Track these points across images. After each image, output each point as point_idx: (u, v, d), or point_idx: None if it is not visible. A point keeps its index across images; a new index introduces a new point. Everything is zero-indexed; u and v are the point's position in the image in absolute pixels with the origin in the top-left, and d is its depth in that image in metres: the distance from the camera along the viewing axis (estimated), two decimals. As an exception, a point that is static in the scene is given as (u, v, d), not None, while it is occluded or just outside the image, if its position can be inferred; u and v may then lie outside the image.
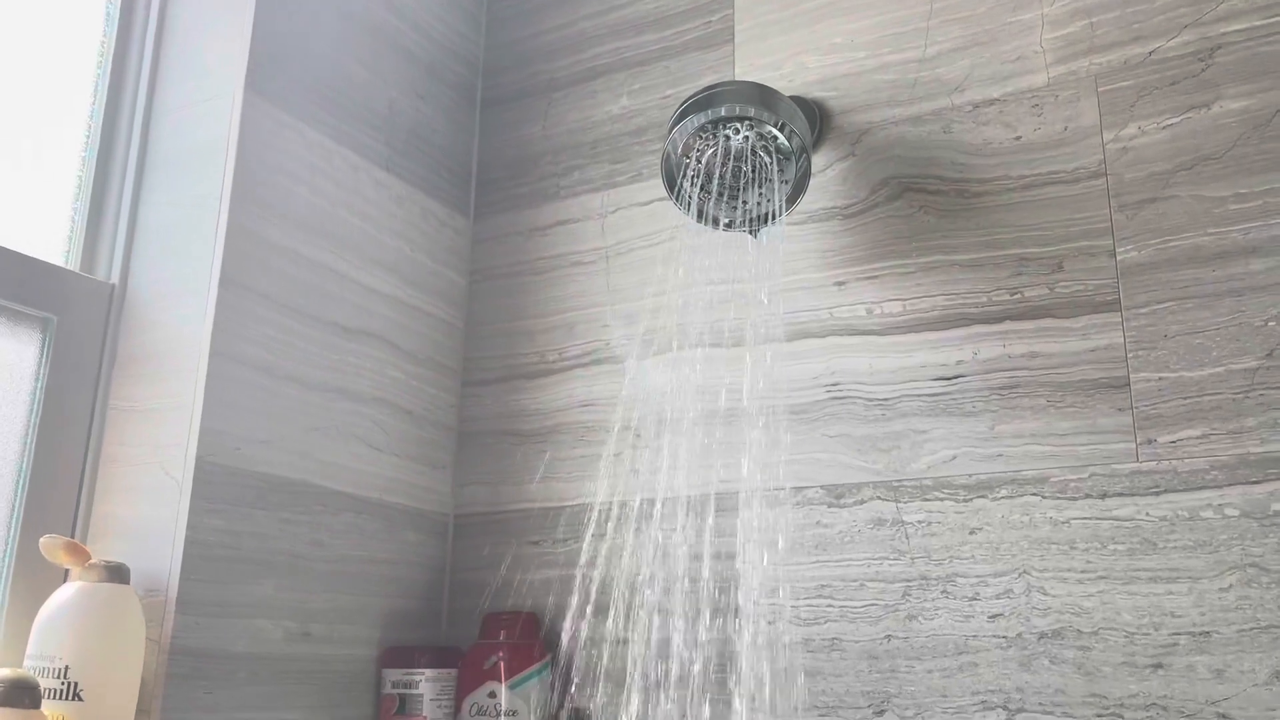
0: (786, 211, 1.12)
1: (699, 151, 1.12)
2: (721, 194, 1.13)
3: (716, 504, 1.16)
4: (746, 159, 1.11)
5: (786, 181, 1.12)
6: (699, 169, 1.12)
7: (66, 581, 0.99)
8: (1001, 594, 1.01)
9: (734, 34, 1.31)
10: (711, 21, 1.33)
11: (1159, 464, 0.97)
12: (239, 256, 1.10)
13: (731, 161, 1.12)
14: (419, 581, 1.27)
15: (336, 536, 1.17)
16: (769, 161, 1.11)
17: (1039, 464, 1.02)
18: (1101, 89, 1.08)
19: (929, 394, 1.08)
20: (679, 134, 1.11)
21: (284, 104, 1.18)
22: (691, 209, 1.13)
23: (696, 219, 1.14)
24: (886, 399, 1.10)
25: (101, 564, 0.96)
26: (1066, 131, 1.09)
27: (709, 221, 1.14)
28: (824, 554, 1.10)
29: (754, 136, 1.11)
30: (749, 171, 1.11)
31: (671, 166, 1.13)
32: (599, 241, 1.33)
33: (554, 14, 1.46)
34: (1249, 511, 0.93)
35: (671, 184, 1.13)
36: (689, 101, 1.10)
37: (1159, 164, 1.03)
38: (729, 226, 1.15)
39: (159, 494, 1.03)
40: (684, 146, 1.12)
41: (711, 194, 1.13)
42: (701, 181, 1.12)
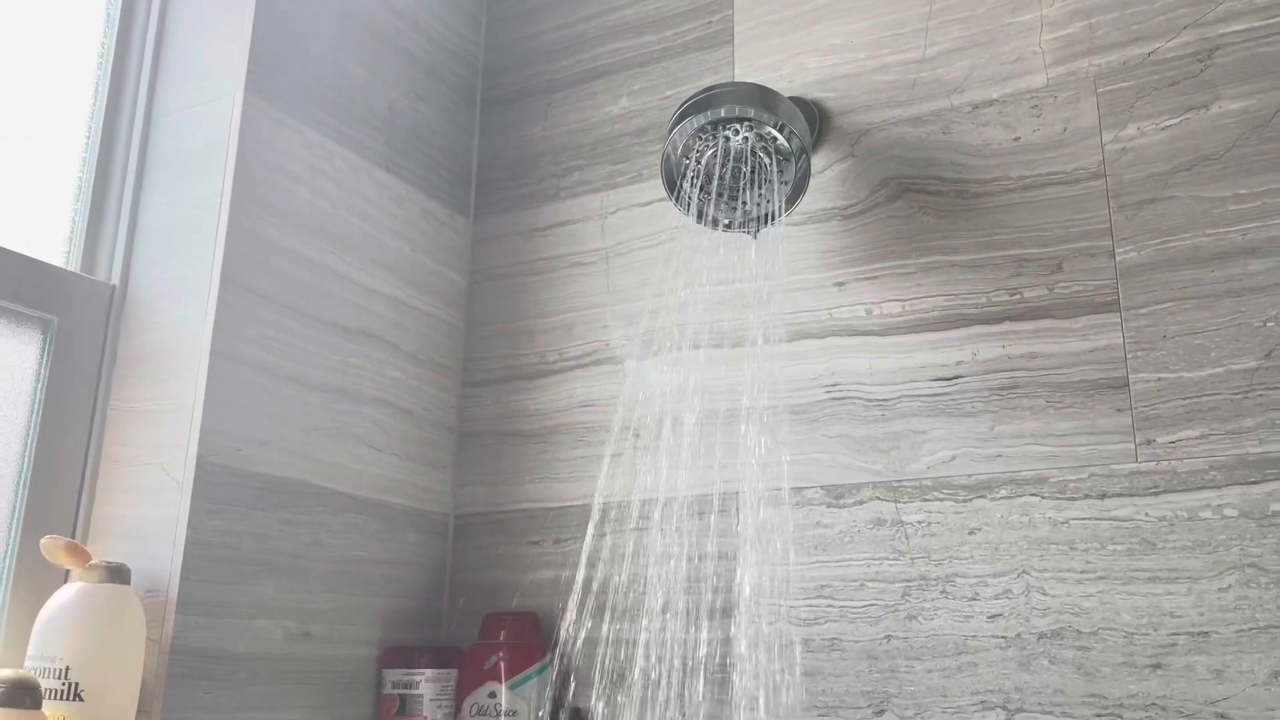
0: (786, 212, 1.12)
1: (699, 152, 1.12)
2: (721, 195, 1.13)
3: (716, 504, 1.16)
4: (746, 160, 1.11)
5: (786, 182, 1.12)
6: (699, 170, 1.12)
7: (67, 582, 0.99)
8: (1001, 594, 1.01)
9: (734, 35, 1.31)
10: (711, 22, 1.34)
11: (1158, 464, 0.97)
12: (239, 257, 1.10)
13: (731, 162, 1.12)
14: (419, 582, 1.27)
15: (337, 537, 1.17)
16: (769, 162, 1.11)
17: (1038, 464, 1.02)
18: (1101, 90, 1.08)
19: (928, 394, 1.09)
20: (679, 135, 1.11)
21: (284, 105, 1.18)
22: (691, 210, 1.13)
23: (696, 220, 1.14)
24: (886, 399, 1.10)
25: (102, 564, 0.96)
26: (1066, 132, 1.09)
27: (709, 222, 1.14)
28: (824, 554, 1.10)
29: (753, 137, 1.11)
30: (749, 172, 1.11)
31: (671, 167, 1.13)
32: (599, 242, 1.33)
33: (554, 14, 1.46)
34: (1247, 512, 0.93)
35: (671, 185, 1.13)
36: (689, 102, 1.10)
37: (1158, 165, 1.04)
38: (729, 227, 1.15)
39: (159, 494, 1.04)
40: (684, 147, 1.12)
41: (711, 195, 1.13)
42: (701, 182, 1.12)
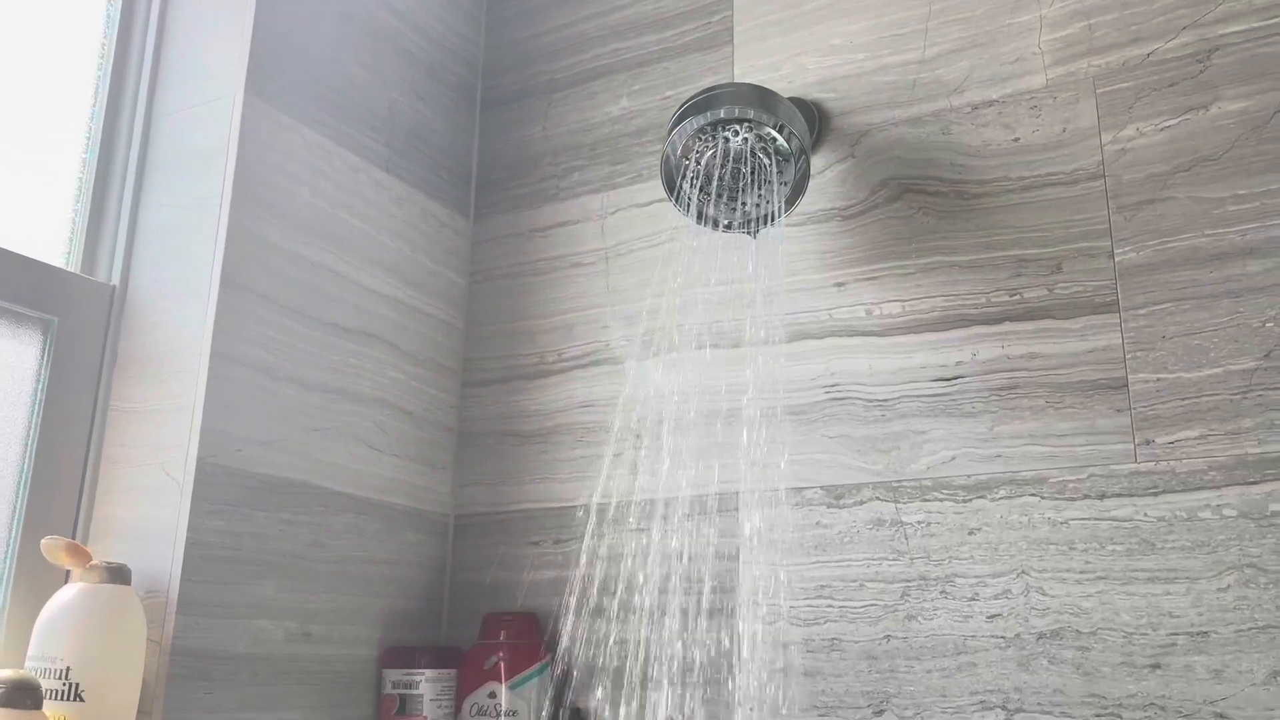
0: (786, 213, 1.12)
1: (698, 153, 1.12)
2: (721, 195, 1.14)
3: (716, 504, 1.16)
4: (746, 161, 1.11)
5: (786, 183, 1.12)
6: (698, 171, 1.12)
7: (68, 583, 0.99)
8: (1000, 594, 1.01)
9: (733, 35, 1.31)
10: (711, 23, 1.34)
11: (1157, 465, 0.97)
12: (239, 258, 1.10)
13: (731, 163, 1.12)
14: (419, 582, 1.27)
15: (337, 537, 1.17)
16: (768, 163, 1.11)
17: (1038, 465, 1.02)
18: (1100, 90, 1.08)
19: (928, 395, 1.09)
20: (678, 136, 1.11)
21: (284, 105, 1.18)
22: (691, 210, 1.13)
23: (696, 221, 1.14)
24: (886, 400, 1.11)
25: (102, 565, 0.96)
26: (1065, 133, 1.09)
27: (708, 223, 1.15)
28: (823, 554, 1.10)
29: (753, 138, 1.11)
30: (748, 173, 1.12)
31: (671, 168, 1.13)
32: (599, 242, 1.33)
33: (554, 15, 1.46)
34: (1246, 512, 0.93)
35: (671, 185, 1.13)
36: (688, 103, 1.10)
37: (1157, 165, 1.04)
38: (728, 228, 1.15)
39: (160, 495, 1.04)
40: (683, 148, 1.12)
41: (711, 196, 1.13)
42: (701, 183, 1.12)
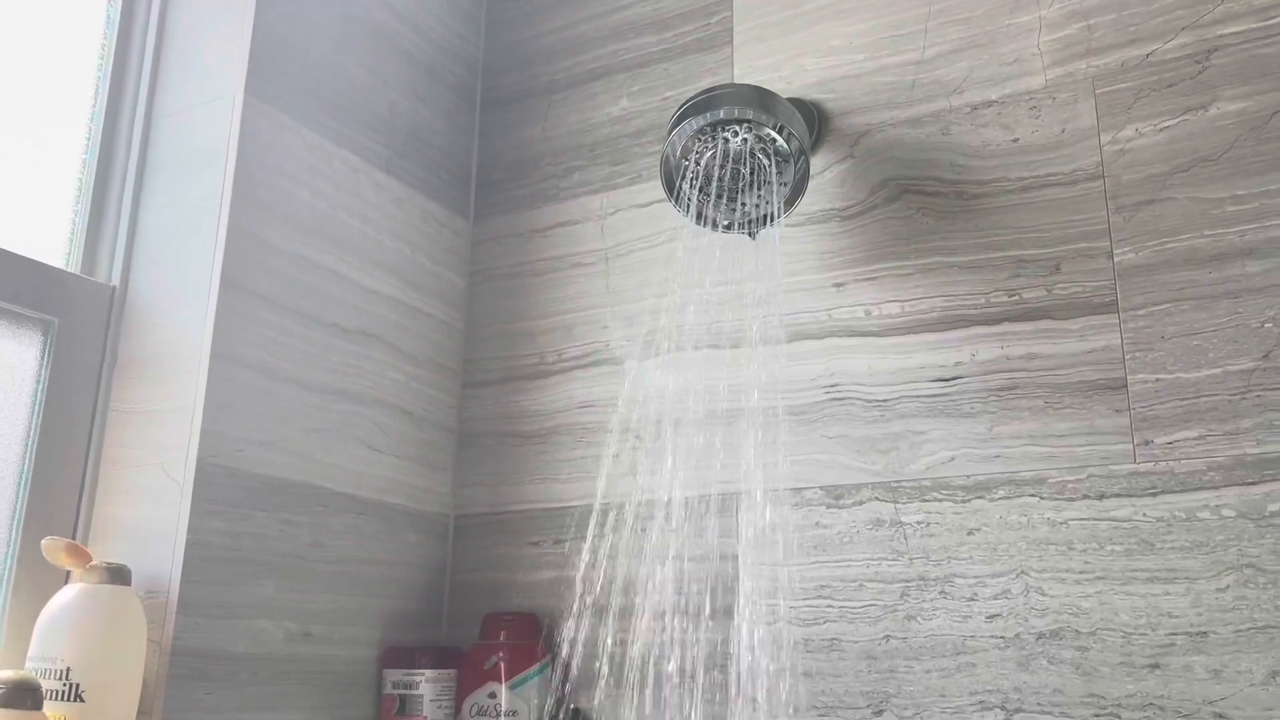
0: (785, 213, 1.13)
1: (698, 154, 1.12)
2: (720, 196, 1.14)
3: (716, 505, 1.16)
4: (745, 161, 1.12)
5: (785, 184, 1.12)
6: (698, 171, 1.12)
7: (68, 583, 0.99)
8: (999, 594, 1.01)
9: (733, 36, 1.31)
10: (710, 24, 1.34)
11: (1156, 465, 0.97)
12: (239, 259, 1.10)
13: (730, 164, 1.12)
14: (419, 582, 1.27)
15: (337, 537, 1.17)
16: (768, 164, 1.12)
17: (1037, 465, 1.02)
18: (1099, 91, 1.08)
19: (927, 395, 1.09)
20: (678, 136, 1.11)
21: (284, 106, 1.18)
22: (690, 211, 1.13)
23: (695, 221, 1.14)
24: (885, 400, 1.11)
25: (103, 565, 0.96)
26: (1064, 133, 1.09)
27: (708, 224, 1.15)
28: (823, 554, 1.10)
29: (752, 139, 1.11)
30: (747, 174, 1.12)
31: (670, 169, 1.13)
32: (598, 243, 1.33)
33: (554, 16, 1.46)
34: (1245, 512, 0.93)
35: (670, 186, 1.13)
36: (688, 104, 1.10)
37: (1156, 166, 1.04)
38: (728, 229, 1.15)
39: (160, 496, 1.04)
40: (683, 149, 1.12)
41: (710, 196, 1.13)
42: (700, 184, 1.12)
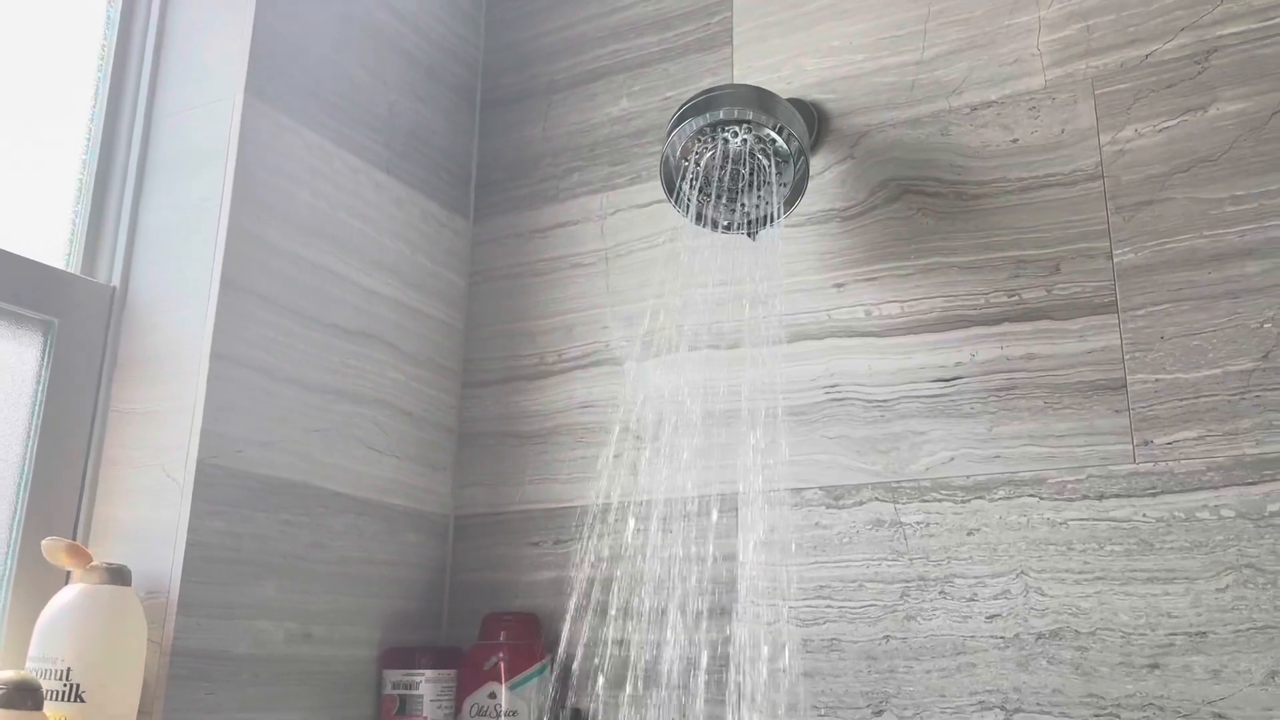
0: (785, 214, 1.13)
1: (698, 154, 1.12)
2: (720, 197, 1.14)
3: (716, 505, 1.16)
4: (745, 162, 1.12)
5: (785, 184, 1.12)
6: (698, 172, 1.12)
7: (68, 584, 0.99)
8: (999, 595, 1.01)
9: (733, 36, 1.31)
10: (710, 24, 1.34)
11: (1156, 465, 0.98)
12: (239, 259, 1.10)
13: (730, 164, 1.12)
14: (419, 582, 1.28)
15: (337, 538, 1.17)
16: (767, 164, 1.12)
17: (1036, 465, 1.02)
18: (1098, 91, 1.08)
19: (927, 395, 1.09)
20: (677, 137, 1.11)
21: (284, 107, 1.18)
22: (690, 212, 1.13)
23: (695, 221, 1.14)
24: (885, 400, 1.11)
25: (103, 566, 0.97)
26: (1064, 134, 1.09)
27: (708, 224, 1.15)
28: (823, 555, 1.10)
29: (752, 139, 1.11)
30: (747, 174, 1.12)
31: (670, 169, 1.13)
32: (598, 243, 1.33)
33: (554, 16, 1.46)
34: (1245, 512, 0.93)
35: (670, 187, 1.13)
36: (687, 105, 1.10)
37: (1156, 166, 1.04)
38: (728, 229, 1.15)
39: (160, 496, 1.04)
40: (683, 149, 1.13)
41: (710, 197, 1.13)
42: (700, 184, 1.12)
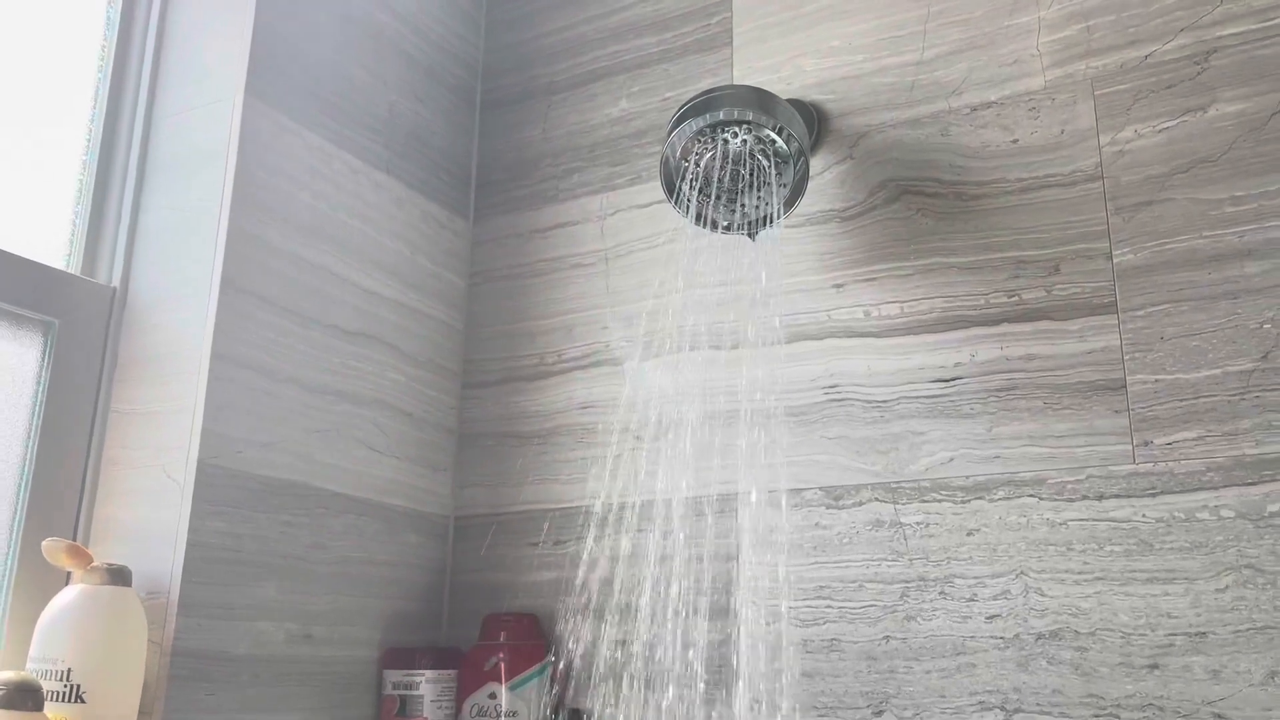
0: (784, 214, 1.13)
1: (697, 155, 1.12)
2: (720, 197, 1.14)
3: (715, 505, 1.16)
4: (745, 162, 1.12)
5: (784, 184, 1.12)
6: (698, 172, 1.12)
7: (69, 584, 0.99)
8: (999, 595, 1.01)
9: (732, 37, 1.31)
10: (710, 25, 1.34)
11: (1155, 466, 0.98)
12: (239, 260, 1.10)
13: (730, 165, 1.12)
14: (419, 583, 1.28)
15: (337, 538, 1.17)
16: (767, 165, 1.12)
17: (1036, 465, 1.03)
18: (1098, 92, 1.08)
19: (927, 396, 1.09)
20: (677, 138, 1.11)
21: (284, 107, 1.18)
22: (690, 212, 1.13)
23: (695, 222, 1.14)
24: (885, 401, 1.11)
25: (103, 567, 0.97)
26: (1063, 134, 1.09)
27: (707, 224, 1.15)
28: (822, 555, 1.10)
29: (752, 140, 1.11)
30: (747, 175, 1.12)
31: (670, 170, 1.13)
32: (598, 244, 1.33)
33: (553, 17, 1.46)
34: (1244, 513, 0.93)
35: (670, 187, 1.13)
36: (687, 105, 1.11)
37: (1155, 167, 1.04)
38: (727, 229, 1.15)
39: (160, 497, 1.04)
40: (682, 150, 1.13)
41: (710, 197, 1.13)
42: (700, 185, 1.12)
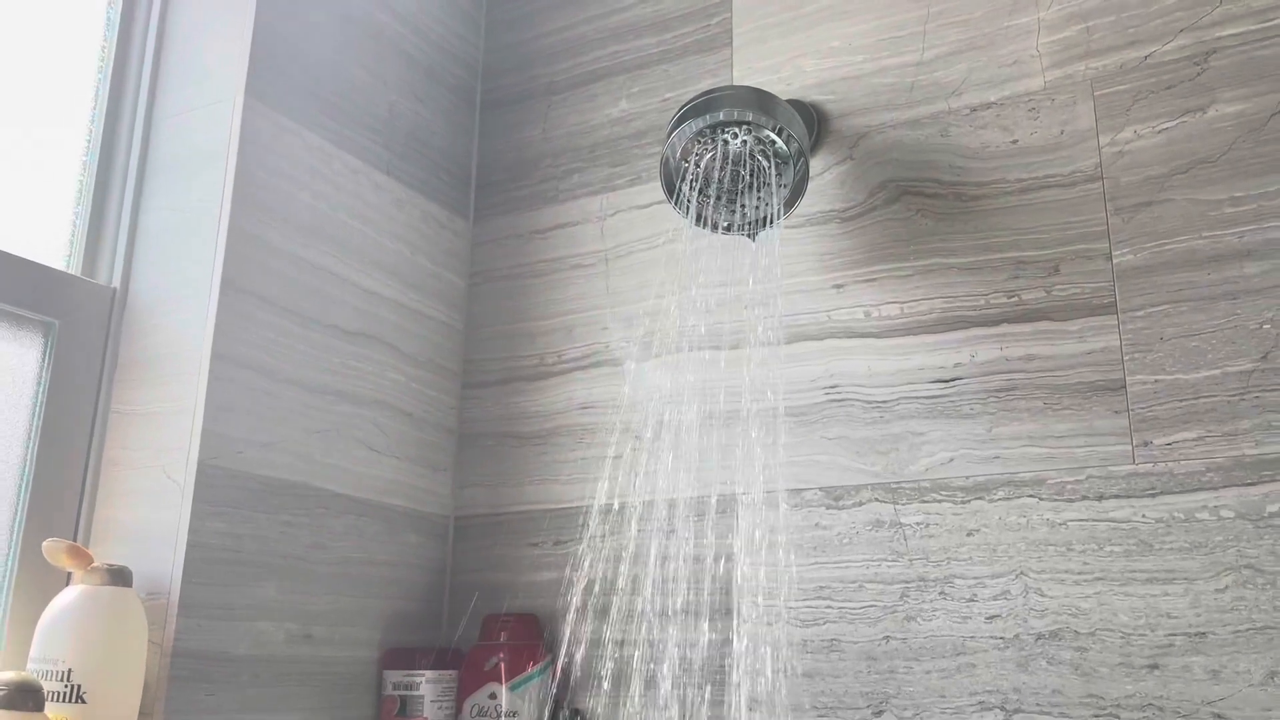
0: (784, 215, 1.13)
1: (697, 156, 1.12)
2: (720, 198, 1.14)
3: (715, 506, 1.16)
4: (745, 163, 1.12)
5: (784, 185, 1.12)
6: (697, 173, 1.12)
7: (69, 585, 0.99)
8: (999, 595, 1.01)
9: (732, 38, 1.31)
10: (710, 25, 1.34)
11: (1155, 466, 0.98)
12: (240, 260, 1.10)
13: (730, 165, 1.12)
14: (419, 583, 1.28)
15: (337, 539, 1.17)
16: (767, 165, 1.12)
17: (1036, 466, 1.03)
18: (1098, 93, 1.08)
19: (927, 396, 1.09)
20: (677, 138, 1.11)
21: (284, 108, 1.18)
22: (690, 213, 1.13)
23: (695, 223, 1.14)
24: (885, 401, 1.11)
25: (104, 567, 0.97)
26: (1063, 135, 1.09)
27: (707, 225, 1.15)
28: (822, 555, 1.10)
29: (752, 141, 1.11)
30: (747, 175, 1.12)
31: (670, 170, 1.13)
32: (598, 244, 1.33)
33: (553, 17, 1.46)
34: (1244, 513, 0.94)
35: (670, 188, 1.13)
36: (687, 106, 1.11)
37: (1155, 167, 1.04)
38: (727, 230, 1.16)
39: (161, 497, 1.04)
40: (682, 151, 1.13)
41: (710, 198, 1.13)
42: (700, 185, 1.13)
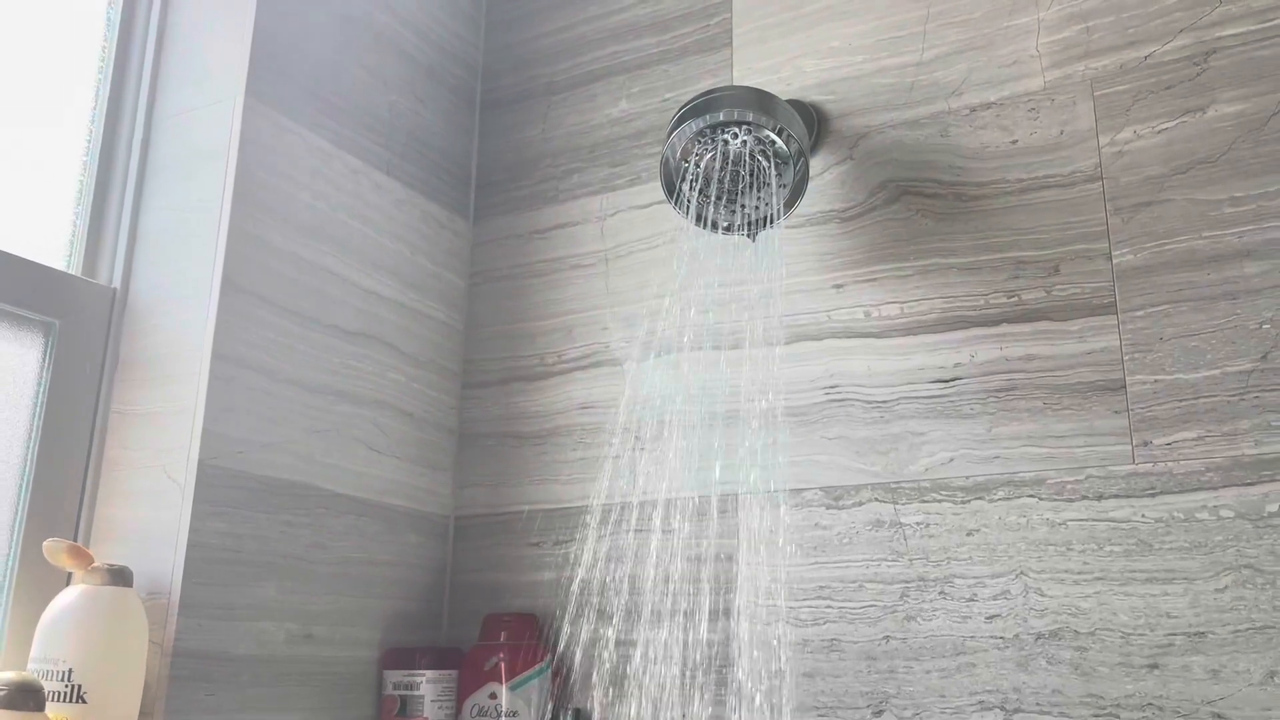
0: (784, 215, 1.13)
1: (697, 156, 1.12)
2: (720, 198, 1.14)
3: (715, 506, 1.16)
4: (745, 163, 1.12)
5: (784, 185, 1.12)
6: (697, 173, 1.13)
7: (69, 585, 1.00)
8: (999, 595, 1.01)
9: (732, 38, 1.31)
10: (710, 25, 1.34)
11: (1155, 466, 0.98)
12: (240, 260, 1.10)
13: (730, 166, 1.12)
14: (420, 583, 1.28)
15: (338, 539, 1.17)
16: (767, 165, 1.12)
17: (1036, 466, 1.03)
18: (1097, 93, 1.08)
19: (927, 396, 1.09)
20: (677, 139, 1.11)
21: (285, 108, 1.18)
22: (690, 213, 1.13)
23: (695, 223, 1.14)
24: (885, 401, 1.11)
25: (104, 567, 0.97)
26: (1063, 135, 1.09)
27: (707, 225, 1.15)
28: (822, 555, 1.10)
29: (752, 141, 1.11)
30: (747, 175, 1.12)
31: (670, 170, 1.13)
32: (598, 244, 1.33)
33: (553, 18, 1.46)
34: (1244, 513, 0.94)
35: (670, 188, 1.13)
36: (687, 106, 1.11)
37: (1154, 168, 1.04)
38: (727, 230, 1.16)
39: (161, 497, 1.04)
40: (682, 151, 1.13)
41: (710, 198, 1.13)
42: (700, 185, 1.13)
